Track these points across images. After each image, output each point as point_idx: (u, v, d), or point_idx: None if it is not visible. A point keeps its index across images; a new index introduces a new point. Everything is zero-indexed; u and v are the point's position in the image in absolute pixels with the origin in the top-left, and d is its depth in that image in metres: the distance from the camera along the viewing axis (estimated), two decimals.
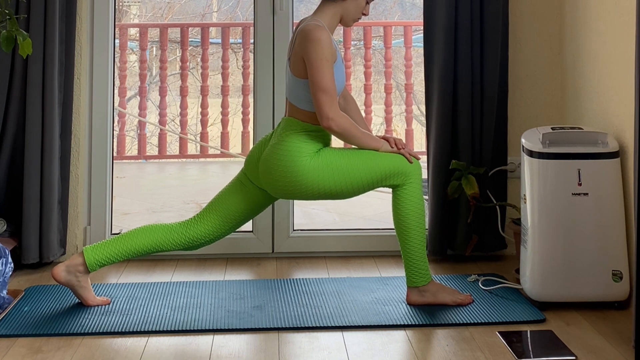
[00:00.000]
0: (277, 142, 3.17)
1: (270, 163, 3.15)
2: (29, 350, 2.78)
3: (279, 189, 3.16)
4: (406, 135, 6.51)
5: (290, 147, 3.13)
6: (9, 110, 3.70)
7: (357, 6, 3.26)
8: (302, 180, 3.10)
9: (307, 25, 3.15)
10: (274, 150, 3.16)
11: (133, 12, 8.56)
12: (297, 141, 3.14)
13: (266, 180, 3.17)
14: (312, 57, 3.09)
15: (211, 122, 6.69)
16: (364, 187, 3.16)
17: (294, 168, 3.10)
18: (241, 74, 6.59)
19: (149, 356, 2.74)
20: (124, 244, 3.18)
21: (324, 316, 3.08)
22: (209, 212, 3.26)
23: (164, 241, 3.21)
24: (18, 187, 3.70)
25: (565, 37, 3.91)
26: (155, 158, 6.96)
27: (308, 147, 3.14)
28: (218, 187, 3.42)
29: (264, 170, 3.17)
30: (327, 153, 3.15)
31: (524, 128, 3.65)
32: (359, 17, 3.31)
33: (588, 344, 2.81)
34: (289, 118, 3.20)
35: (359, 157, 3.15)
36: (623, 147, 3.18)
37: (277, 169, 3.12)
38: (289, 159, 3.11)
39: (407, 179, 3.15)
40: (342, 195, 3.17)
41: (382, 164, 3.14)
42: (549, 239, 3.14)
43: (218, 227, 3.24)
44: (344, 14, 3.26)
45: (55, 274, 3.16)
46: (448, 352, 2.76)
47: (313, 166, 3.11)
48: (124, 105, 6.59)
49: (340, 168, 3.12)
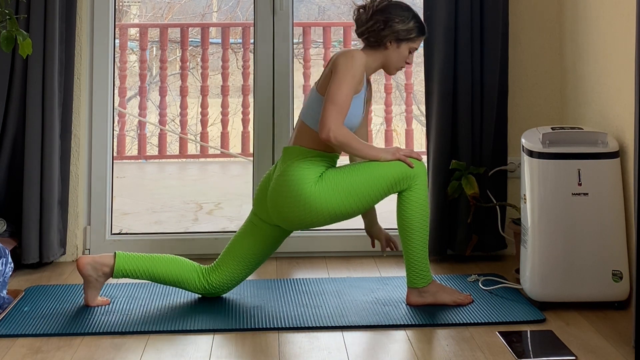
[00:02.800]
0: (280, 174, 3.14)
1: (277, 196, 3.13)
2: (29, 350, 2.78)
3: (290, 220, 3.13)
4: (406, 135, 6.51)
5: (294, 176, 3.10)
6: (9, 110, 3.70)
7: (400, 55, 3.27)
8: (311, 207, 3.08)
9: (349, 48, 3.16)
10: (278, 182, 3.14)
11: (133, 12, 8.56)
12: (300, 169, 3.11)
13: (276, 214, 3.15)
14: (340, 68, 3.10)
15: (211, 122, 6.69)
16: (373, 200, 3.13)
17: (300, 197, 3.08)
18: (241, 74, 6.58)
19: (149, 356, 2.74)
20: (153, 266, 3.17)
21: (324, 316, 3.08)
22: (226, 259, 3.24)
23: (187, 280, 3.20)
24: (18, 187, 3.70)
25: (565, 37, 3.91)
26: (155, 158, 6.95)
27: (311, 172, 3.11)
28: (218, 187, 3.43)
29: (272, 205, 3.15)
30: (330, 174, 3.12)
31: (524, 128, 3.65)
32: (402, 66, 3.32)
33: (588, 344, 2.81)
34: (291, 147, 3.19)
35: (362, 171, 3.12)
36: (623, 147, 3.18)
37: (285, 201, 3.10)
38: (294, 188, 3.09)
39: (413, 182, 3.13)
40: (354, 212, 3.15)
41: (386, 174, 3.11)
42: (549, 239, 3.14)
43: (237, 273, 3.24)
44: (386, 62, 3.27)
45: (80, 265, 3.13)
46: (448, 352, 2.76)
47: (319, 191, 3.08)
48: (124, 105, 6.59)
49: (346, 187, 3.09)
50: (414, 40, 3.27)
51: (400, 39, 3.24)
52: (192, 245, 3.96)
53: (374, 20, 3.23)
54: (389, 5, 3.26)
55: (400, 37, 3.23)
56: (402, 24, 3.23)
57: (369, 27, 3.24)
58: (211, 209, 5.73)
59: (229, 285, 3.25)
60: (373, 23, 3.23)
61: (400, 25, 3.22)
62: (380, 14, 3.23)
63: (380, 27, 3.22)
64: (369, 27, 3.24)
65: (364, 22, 3.26)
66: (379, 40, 3.23)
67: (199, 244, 3.95)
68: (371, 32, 3.24)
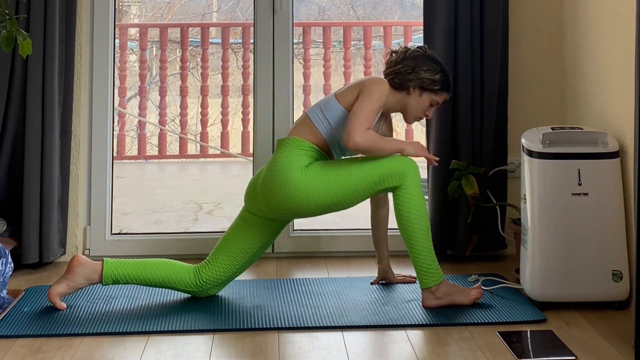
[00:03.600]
0: (271, 162, 3.21)
1: (266, 182, 3.17)
2: (29, 350, 2.78)
3: (278, 207, 3.16)
4: (406, 135, 6.52)
5: (283, 162, 3.15)
6: (9, 110, 3.70)
7: (420, 104, 3.31)
8: (296, 193, 3.11)
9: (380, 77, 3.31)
10: (268, 168, 3.20)
11: (133, 12, 8.56)
12: (290, 156, 3.17)
13: (264, 201, 3.18)
14: (367, 89, 3.19)
15: (211, 122, 6.69)
16: (360, 193, 3.15)
17: (286, 181, 3.11)
18: (241, 74, 6.59)
19: (149, 356, 2.74)
20: (141, 270, 3.19)
21: (324, 316, 3.08)
22: (216, 254, 3.26)
23: (178, 280, 3.22)
24: (18, 187, 3.70)
25: (565, 37, 3.91)
26: (155, 158, 6.96)
27: (300, 160, 3.16)
28: (218, 187, 3.43)
29: (261, 192, 3.19)
30: (319, 164, 3.18)
31: (524, 128, 3.65)
32: (421, 117, 3.37)
33: (588, 344, 2.81)
34: (286, 138, 3.24)
35: (350, 164, 3.17)
36: (623, 147, 3.18)
37: (273, 185, 3.14)
38: (281, 173, 3.13)
39: (404, 179, 3.14)
40: (341, 204, 3.16)
41: (376, 167, 3.14)
42: (549, 239, 3.14)
43: (227, 269, 3.25)
44: (405, 107, 3.32)
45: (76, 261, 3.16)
46: (448, 352, 2.76)
47: (305, 177, 3.12)
48: (124, 105, 6.59)
49: (332, 177, 3.12)
50: (437, 93, 3.32)
51: (424, 87, 3.29)
52: (192, 245, 3.96)
53: (403, 64, 3.30)
54: (421, 54, 3.33)
55: (424, 85, 3.29)
56: (429, 73, 3.29)
57: (397, 69, 3.31)
58: (211, 209, 5.74)
59: (220, 281, 3.25)
60: (402, 66, 3.30)
61: (427, 74, 3.28)
62: (411, 60, 3.30)
63: (408, 71, 3.29)
64: (397, 69, 3.31)
65: (393, 64, 3.33)
66: (403, 84, 3.30)
67: (199, 244, 3.95)
68: (397, 74, 3.30)
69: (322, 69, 6.51)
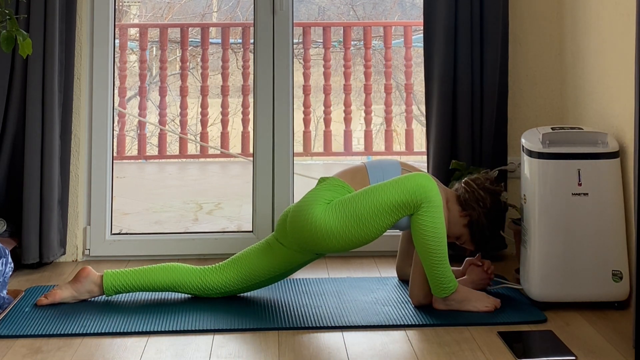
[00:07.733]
0: (304, 196, 3.22)
1: (293, 215, 3.16)
2: (29, 350, 2.78)
3: (302, 241, 3.14)
4: (406, 135, 6.52)
5: (310, 197, 3.16)
6: (9, 110, 3.70)
7: (456, 224, 3.28)
8: (317, 229, 3.08)
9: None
10: (298, 202, 3.20)
11: (133, 12, 8.56)
12: (318, 191, 3.18)
13: (291, 233, 3.16)
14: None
15: (211, 122, 6.69)
16: (381, 226, 3.07)
17: (308, 217, 3.09)
18: (241, 74, 6.58)
19: (149, 356, 2.74)
20: (142, 277, 3.20)
21: (324, 316, 3.08)
22: (231, 265, 3.25)
23: (181, 282, 3.22)
24: (18, 187, 3.70)
25: (565, 37, 3.91)
26: (155, 158, 6.96)
27: (326, 196, 3.15)
28: (218, 187, 3.43)
29: (289, 224, 3.18)
30: (340, 200, 3.13)
31: (524, 128, 3.65)
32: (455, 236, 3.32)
33: (588, 344, 2.81)
34: (329, 177, 3.25)
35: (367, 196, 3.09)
36: (623, 147, 3.18)
37: (297, 220, 3.13)
38: (306, 208, 3.12)
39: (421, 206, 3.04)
40: (363, 238, 3.09)
41: (389, 198, 3.06)
42: (549, 239, 3.14)
43: (235, 282, 3.23)
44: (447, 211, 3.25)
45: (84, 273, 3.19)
46: (448, 352, 2.76)
47: (325, 213, 3.08)
48: (124, 105, 6.59)
49: (351, 212, 3.06)
50: (471, 242, 3.33)
51: (470, 226, 3.28)
52: (192, 245, 3.96)
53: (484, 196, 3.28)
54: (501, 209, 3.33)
55: (471, 224, 3.27)
56: (485, 226, 3.28)
57: (474, 191, 3.28)
58: (211, 209, 5.74)
59: (223, 291, 3.24)
60: (481, 195, 3.28)
61: (484, 225, 3.28)
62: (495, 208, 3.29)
63: (480, 204, 3.27)
64: (474, 190, 3.28)
65: (478, 186, 3.30)
66: (466, 202, 3.28)
67: (199, 244, 3.95)
68: (470, 193, 3.28)
69: (322, 69, 6.51)
